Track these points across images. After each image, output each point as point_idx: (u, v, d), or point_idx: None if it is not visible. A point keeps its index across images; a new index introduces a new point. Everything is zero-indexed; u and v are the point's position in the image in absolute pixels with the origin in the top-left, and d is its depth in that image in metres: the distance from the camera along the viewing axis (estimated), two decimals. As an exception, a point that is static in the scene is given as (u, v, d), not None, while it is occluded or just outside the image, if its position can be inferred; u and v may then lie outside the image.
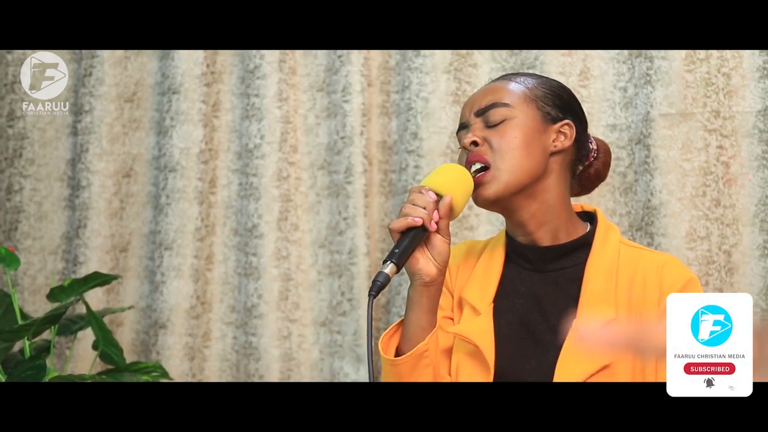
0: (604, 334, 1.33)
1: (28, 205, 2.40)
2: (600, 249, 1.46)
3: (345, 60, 2.22)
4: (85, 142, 2.34)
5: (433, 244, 1.39)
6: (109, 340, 1.80)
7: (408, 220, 1.35)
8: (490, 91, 1.50)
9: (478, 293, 1.50)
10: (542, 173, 1.45)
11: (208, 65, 2.31)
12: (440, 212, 1.37)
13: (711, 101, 2.01)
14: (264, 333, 2.23)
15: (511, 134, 1.43)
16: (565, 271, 1.46)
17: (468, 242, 1.62)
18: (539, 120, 1.46)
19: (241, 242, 2.28)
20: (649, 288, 1.41)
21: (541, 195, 1.46)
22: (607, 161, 1.62)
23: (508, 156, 1.42)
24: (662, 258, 1.46)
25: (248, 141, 2.27)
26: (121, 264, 2.35)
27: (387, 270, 1.33)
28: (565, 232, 1.48)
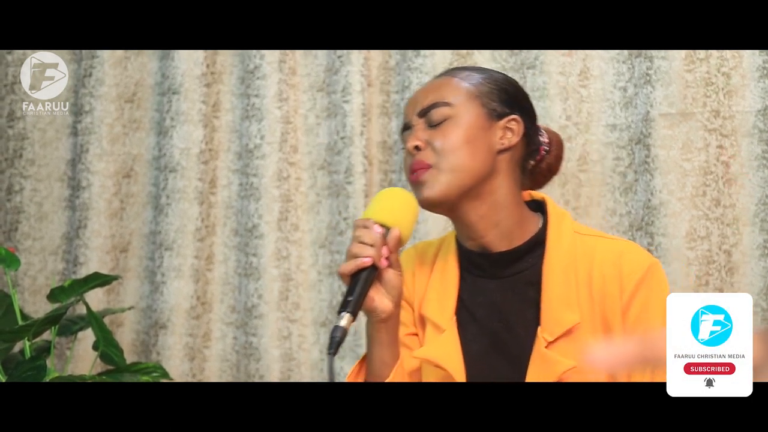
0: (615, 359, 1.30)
1: (29, 205, 2.40)
2: (555, 247, 1.39)
3: (345, 60, 2.22)
4: (85, 142, 2.34)
5: (385, 279, 1.33)
6: (109, 341, 1.79)
7: (357, 262, 1.29)
8: (432, 90, 1.43)
9: (437, 309, 1.43)
10: (489, 173, 1.38)
11: (208, 65, 2.31)
12: (389, 247, 1.32)
13: (711, 101, 2.01)
14: (264, 333, 2.23)
15: (453, 134, 1.37)
16: (521, 275, 1.40)
17: (418, 246, 1.55)
18: (483, 117, 1.39)
19: (242, 242, 2.28)
20: (608, 282, 1.35)
21: (489, 195, 1.39)
22: (559, 154, 1.54)
23: (450, 156, 1.36)
24: (619, 246, 1.39)
25: (248, 141, 2.27)
26: (121, 264, 2.35)
27: (343, 323, 1.26)
28: (517, 232, 1.41)
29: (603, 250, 1.38)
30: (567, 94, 2.11)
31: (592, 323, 1.35)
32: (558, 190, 2.10)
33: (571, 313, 1.35)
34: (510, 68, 2.15)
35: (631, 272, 1.34)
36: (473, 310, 1.42)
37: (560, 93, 2.11)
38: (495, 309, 1.41)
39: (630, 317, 1.34)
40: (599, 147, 2.09)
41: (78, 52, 2.39)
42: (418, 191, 1.38)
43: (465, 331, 1.42)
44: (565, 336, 1.34)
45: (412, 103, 1.44)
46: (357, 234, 1.32)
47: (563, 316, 1.35)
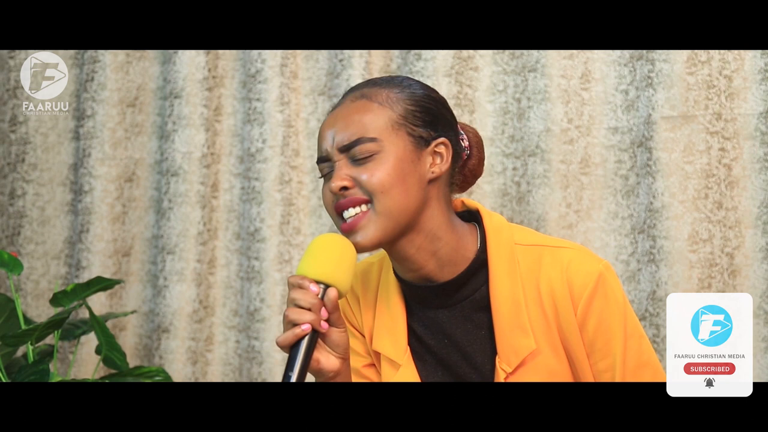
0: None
1: (31, 209, 2.40)
2: (497, 266, 1.31)
3: (346, 64, 2.22)
4: (87, 146, 2.34)
5: (329, 338, 1.24)
6: (112, 345, 1.80)
7: (296, 332, 1.18)
8: (352, 119, 1.29)
9: (389, 344, 1.36)
10: (422, 205, 1.29)
11: (209, 69, 2.31)
12: (328, 307, 1.21)
13: (713, 104, 2.01)
14: (267, 337, 2.23)
15: (382, 171, 1.26)
16: (469, 301, 1.33)
17: (359, 265, 1.44)
18: (411, 148, 1.29)
19: (244, 246, 2.28)
20: (558, 297, 1.29)
21: (425, 226, 1.30)
22: (480, 156, 1.41)
23: (382, 197, 1.25)
24: (565, 256, 1.30)
25: (250, 145, 2.27)
26: (123, 268, 2.35)
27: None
28: (457, 255, 1.32)
29: (548, 263, 1.31)
30: (569, 97, 2.11)
31: (550, 343, 1.30)
32: (560, 193, 2.10)
33: (526, 339, 1.29)
34: (511, 71, 2.16)
35: (581, 285, 1.28)
36: (427, 341, 1.35)
37: (562, 96, 2.11)
38: (450, 340, 1.34)
39: (588, 330, 1.29)
40: (601, 150, 2.09)
41: (80, 57, 2.39)
42: (352, 237, 1.27)
43: (423, 364, 1.36)
44: (523, 365, 1.30)
45: (329, 132, 1.30)
46: (292, 296, 1.21)
47: (518, 344, 1.29)
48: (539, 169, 2.11)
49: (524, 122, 2.12)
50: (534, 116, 2.12)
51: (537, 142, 2.11)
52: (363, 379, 1.39)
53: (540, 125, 2.12)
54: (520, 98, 2.14)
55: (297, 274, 1.23)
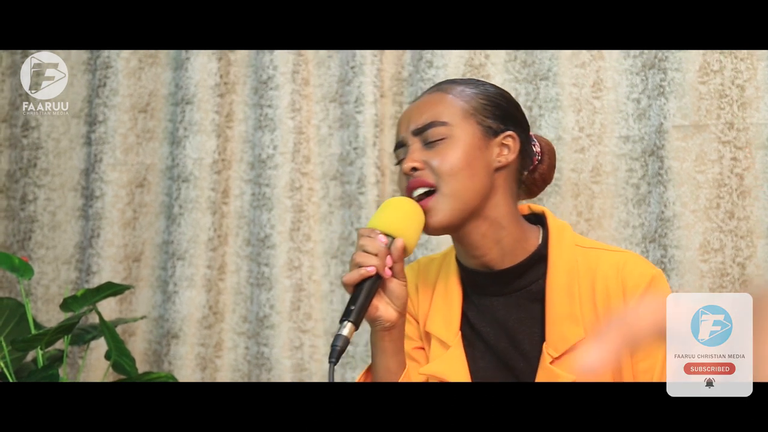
0: (602, 356, 1.29)
1: (42, 214, 2.41)
2: (557, 261, 1.38)
3: (358, 71, 2.23)
4: (98, 152, 2.35)
5: (389, 288, 1.33)
6: (121, 350, 1.80)
7: (361, 272, 1.28)
8: (427, 107, 1.39)
9: (442, 326, 1.43)
10: (488, 191, 1.37)
11: (221, 76, 2.32)
12: (393, 256, 1.31)
13: (725, 113, 2.00)
14: (276, 343, 2.23)
15: (452, 155, 1.34)
16: (525, 291, 1.39)
17: (421, 261, 1.54)
18: (480, 136, 1.37)
19: (254, 252, 2.28)
20: (612, 295, 1.34)
21: (490, 213, 1.37)
22: (552, 163, 1.50)
23: (451, 179, 1.34)
24: (621, 258, 1.37)
25: (261, 151, 2.28)
26: (133, 274, 2.35)
27: (345, 332, 1.26)
28: (518, 248, 1.39)
29: (605, 263, 1.37)
30: (580, 106, 2.11)
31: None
32: (571, 201, 2.09)
33: (576, 328, 1.34)
34: (523, 79, 2.15)
35: (634, 284, 1.34)
36: (479, 328, 1.42)
37: (573, 104, 2.11)
38: (501, 326, 1.40)
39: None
40: (612, 159, 2.08)
41: (92, 63, 2.40)
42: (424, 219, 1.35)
43: (471, 348, 1.42)
44: (570, 351, 1.34)
45: (406, 120, 1.41)
46: (361, 243, 1.31)
47: (568, 332, 1.34)
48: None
49: (535, 130, 2.12)
50: (545, 124, 2.12)
51: (548, 151, 2.11)
52: (410, 360, 1.43)
53: (551, 133, 2.11)
54: (531, 106, 2.14)
55: (367, 226, 1.34)
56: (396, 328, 1.35)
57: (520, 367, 1.37)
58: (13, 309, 1.82)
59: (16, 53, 2.45)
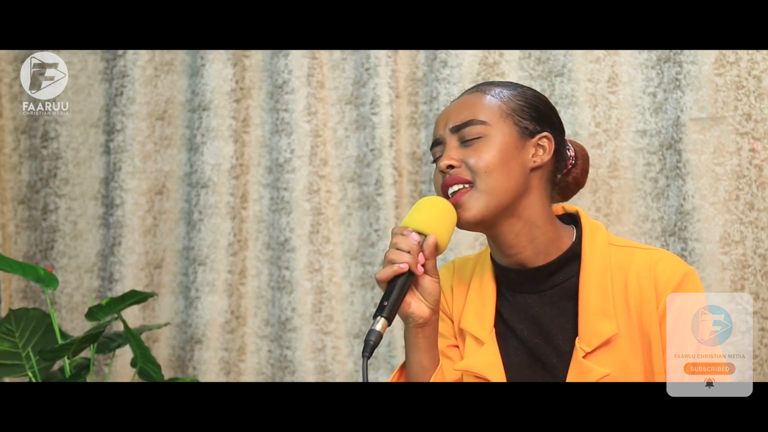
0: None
1: (64, 224, 2.43)
2: (590, 259, 1.41)
3: (372, 73, 2.23)
4: (118, 160, 2.37)
5: (422, 285, 1.35)
6: (147, 357, 1.82)
7: (394, 268, 1.31)
8: (465, 106, 1.43)
9: (476, 323, 1.46)
10: (523, 191, 1.40)
11: (237, 81, 2.33)
12: (425, 254, 1.33)
13: (742, 104, 2.00)
14: (298, 346, 2.24)
15: (489, 153, 1.38)
16: (558, 289, 1.42)
17: (456, 261, 1.57)
18: (516, 136, 1.40)
19: (274, 256, 2.30)
20: (644, 291, 1.37)
21: (524, 212, 1.40)
22: (585, 168, 1.54)
23: (486, 177, 1.37)
24: (654, 255, 1.40)
25: (278, 155, 2.29)
26: (155, 280, 2.37)
27: (378, 327, 1.28)
28: (552, 246, 1.42)
29: (638, 260, 1.39)
30: (596, 101, 2.11)
31: (629, 332, 1.37)
32: (589, 197, 2.09)
33: (609, 324, 1.36)
34: (538, 76, 2.15)
35: (667, 280, 1.36)
36: (513, 325, 1.44)
37: (589, 100, 2.11)
38: (535, 323, 1.42)
39: (668, 323, 1.35)
40: (630, 153, 2.08)
41: (109, 72, 2.42)
42: (457, 212, 1.38)
43: (505, 344, 1.44)
44: (603, 346, 1.36)
45: (444, 118, 1.44)
46: (394, 241, 1.34)
47: (601, 327, 1.37)
48: (568, 173, 2.10)
49: (552, 127, 2.12)
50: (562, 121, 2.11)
51: (565, 147, 2.11)
52: (444, 358, 1.46)
53: (568, 129, 2.10)
54: (547, 103, 2.13)
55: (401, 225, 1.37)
56: (429, 324, 1.37)
57: (553, 362, 1.40)
58: (39, 320, 1.84)
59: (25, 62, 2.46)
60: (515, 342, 1.43)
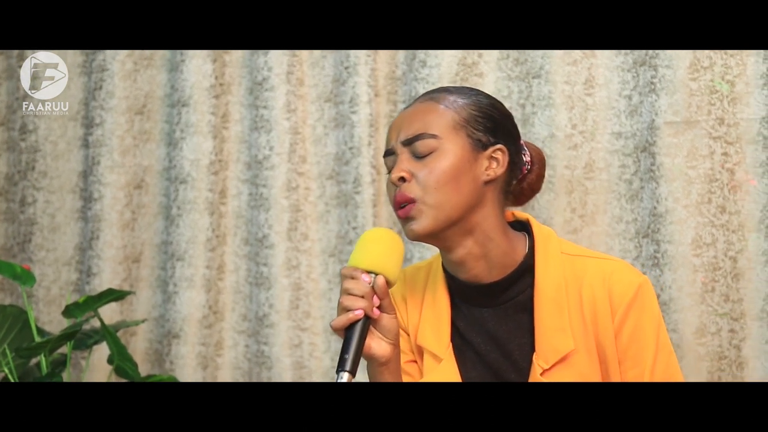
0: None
1: (42, 217, 2.43)
2: (543, 271, 1.39)
3: (352, 71, 2.24)
4: (96, 154, 2.37)
5: (380, 324, 1.32)
6: (123, 355, 1.83)
7: (349, 316, 1.28)
8: (417, 117, 1.39)
9: (433, 338, 1.44)
10: (475, 204, 1.37)
11: (216, 77, 2.33)
12: (378, 294, 1.30)
13: (715, 109, 2.02)
14: (276, 342, 2.26)
15: (439, 168, 1.35)
16: (513, 302, 1.40)
17: (407, 271, 1.54)
18: (469, 149, 1.37)
19: (252, 252, 2.31)
20: (599, 304, 1.35)
21: (477, 227, 1.38)
22: (541, 173, 1.50)
23: (436, 192, 1.34)
24: (608, 267, 1.38)
25: (257, 152, 2.30)
26: (133, 275, 2.38)
27: (344, 382, 1.25)
28: (506, 258, 1.40)
29: (592, 272, 1.38)
30: (572, 103, 2.13)
31: (586, 347, 1.36)
32: (564, 198, 2.12)
33: (566, 340, 1.36)
34: (516, 77, 2.17)
35: (621, 294, 1.35)
36: (469, 338, 1.42)
37: (566, 102, 2.13)
38: (491, 337, 1.41)
39: (622, 339, 1.35)
40: (605, 155, 2.11)
41: (88, 66, 2.41)
42: (405, 225, 1.37)
43: (463, 359, 1.42)
44: (560, 362, 1.36)
45: (396, 128, 1.40)
46: (346, 286, 1.30)
47: (558, 343, 1.36)
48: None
49: (529, 128, 2.14)
50: (538, 122, 2.14)
51: (541, 148, 2.12)
52: (405, 375, 1.45)
53: (544, 131, 2.13)
54: (524, 104, 2.16)
55: (349, 266, 1.33)
56: (392, 361, 1.35)
57: (512, 378, 1.39)
58: (16, 316, 1.85)
59: (12, 56, 2.46)
60: (473, 356, 1.42)
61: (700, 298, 2.01)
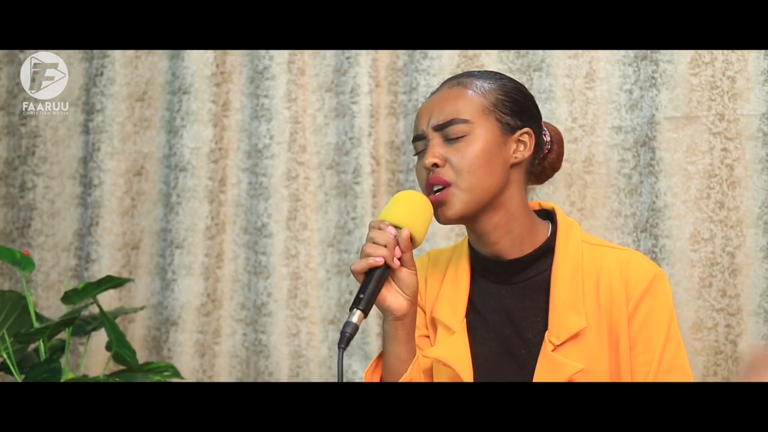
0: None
1: (41, 202, 2.43)
2: (563, 254, 1.44)
3: (353, 61, 2.24)
4: (96, 140, 2.37)
5: (399, 278, 1.38)
6: (122, 342, 1.83)
7: (370, 261, 1.34)
8: (448, 102, 1.45)
9: (449, 311, 1.49)
10: (504, 186, 1.43)
11: (217, 65, 2.33)
12: (401, 247, 1.37)
13: (716, 104, 2.03)
14: (273, 331, 2.27)
15: (472, 152, 1.40)
16: (531, 281, 1.45)
17: (432, 253, 1.60)
18: (498, 133, 1.43)
19: (251, 241, 2.31)
20: (615, 290, 1.40)
21: (504, 206, 1.44)
22: (560, 152, 1.57)
23: (469, 176, 1.40)
24: (625, 256, 1.44)
25: (258, 141, 2.30)
26: (132, 261, 2.38)
27: (354, 319, 1.30)
28: (528, 239, 1.46)
29: (610, 260, 1.43)
30: (573, 97, 2.13)
31: (598, 328, 1.40)
32: (564, 191, 2.12)
33: (578, 318, 1.40)
34: (516, 70, 2.17)
35: (637, 282, 1.40)
36: (485, 314, 1.47)
37: (566, 95, 2.13)
38: (506, 314, 1.46)
39: (635, 324, 1.40)
40: (605, 149, 2.11)
41: (89, 52, 2.41)
42: (438, 209, 1.42)
43: (475, 334, 1.47)
44: (571, 339, 1.40)
45: (426, 114, 1.45)
46: (371, 235, 1.36)
47: (570, 321, 1.40)
48: (543, 167, 2.13)
49: (529, 121, 2.14)
50: (539, 115, 2.14)
51: (541, 141, 2.14)
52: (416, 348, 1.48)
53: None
54: (525, 97, 2.16)
55: (378, 219, 1.40)
56: (408, 316, 1.40)
57: (522, 353, 1.43)
58: (15, 302, 1.86)
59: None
60: (486, 332, 1.46)
61: (697, 293, 2.02)
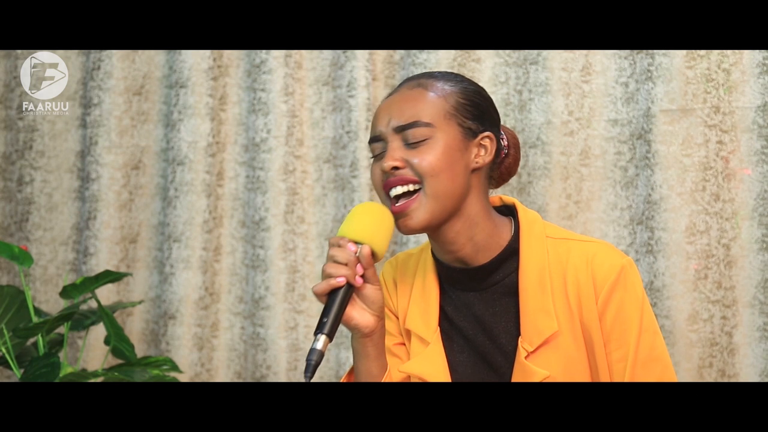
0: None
1: (39, 196, 2.44)
2: (528, 255, 1.39)
3: (350, 55, 2.25)
4: (94, 134, 2.37)
5: (364, 294, 1.33)
6: (120, 336, 1.84)
7: (331, 282, 1.28)
8: (408, 103, 1.37)
9: (421, 322, 1.44)
10: (466, 192, 1.38)
11: (214, 59, 2.34)
12: (363, 263, 1.31)
13: (711, 97, 2.03)
14: (271, 324, 2.28)
15: (434, 156, 1.34)
16: (499, 285, 1.40)
17: (399, 257, 1.55)
18: (460, 138, 1.37)
19: (249, 234, 2.32)
20: (583, 286, 1.36)
21: (465, 213, 1.38)
22: (517, 156, 1.50)
23: (431, 180, 1.33)
24: (591, 249, 1.38)
25: (255, 135, 2.30)
26: (130, 255, 2.39)
27: (319, 346, 1.25)
28: (492, 241, 1.40)
29: (576, 255, 1.38)
30: (569, 90, 2.14)
31: (571, 329, 1.37)
32: (560, 184, 2.13)
33: (549, 321, 1.36)
34: (513, 63, 2.18)
35: (604, 276, 1.35)
36: (457, 322, 1.43)
37: (563, 88, 2.14)
38: (478, 321, 1.41)
39: (606, 320, 1.36)
40: (601, 142, 2.12)
41: (86, 46, 2.41)
42: (399, 220, 1.35)
43: (451, 343, 1.43)
44: (545, 344, 1.36)
45: (386, 114, 1.38)
46: (330, 253, 1.31)
47: (541, 325, 1.36)
48: (540, 160, 2.14)
49: (525, 114, 2.15)
50: (535, 108, 2.15)
51: (538, 134, 2.14)
52: (393, 357, 1.46)
53: (541, 117, 2.14)
54: (521, 90, 2.16)
55: (337, 235, 1.33)
56: (376, 332, 1.35)
57: (498, 361, 1.40)
58: (13, 296, 1.86)
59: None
60: (460, 340, 1.43)
61: (692, 285, 2.03)
